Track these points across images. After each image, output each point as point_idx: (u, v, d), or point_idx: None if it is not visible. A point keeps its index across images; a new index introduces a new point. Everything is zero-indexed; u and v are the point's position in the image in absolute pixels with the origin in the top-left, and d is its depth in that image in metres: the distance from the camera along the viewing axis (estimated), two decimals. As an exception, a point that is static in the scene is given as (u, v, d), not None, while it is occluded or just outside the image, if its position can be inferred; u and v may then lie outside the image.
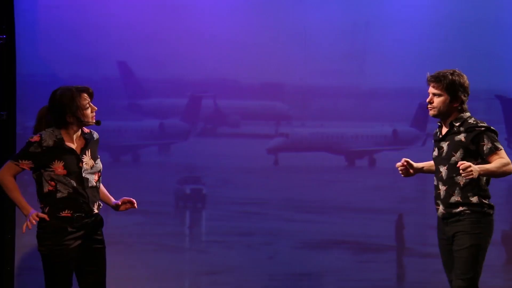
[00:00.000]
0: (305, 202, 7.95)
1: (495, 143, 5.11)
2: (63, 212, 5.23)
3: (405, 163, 5.39)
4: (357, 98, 7.97)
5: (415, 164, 5.45)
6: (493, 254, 6.64)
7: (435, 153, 5.34)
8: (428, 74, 5.30)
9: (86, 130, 5.37)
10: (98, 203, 5.36)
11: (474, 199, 5.13)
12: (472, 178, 4.97)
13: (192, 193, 7.81)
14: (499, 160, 5.07)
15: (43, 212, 5.22)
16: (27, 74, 7.43)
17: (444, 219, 5.26)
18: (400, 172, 5.45)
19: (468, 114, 5.23)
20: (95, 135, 5.39)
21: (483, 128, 5.14)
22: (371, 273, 7.86)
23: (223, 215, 7.84)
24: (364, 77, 7.93)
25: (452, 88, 5.17)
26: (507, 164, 5.07)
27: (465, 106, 5.24)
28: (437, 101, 5.20)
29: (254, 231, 7.85)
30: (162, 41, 7.64)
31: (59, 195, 5.21)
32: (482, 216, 5.16)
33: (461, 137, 5.16)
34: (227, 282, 7.75)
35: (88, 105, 5.27)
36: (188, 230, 7.88)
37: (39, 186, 5.25)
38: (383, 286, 7.85)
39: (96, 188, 5.31)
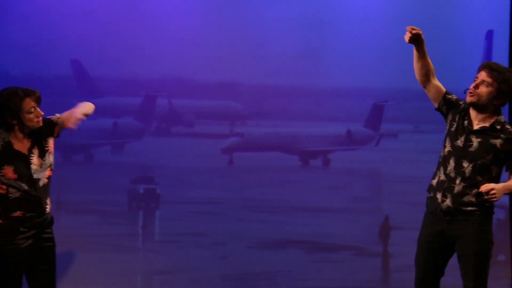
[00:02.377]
0: (259, 202, 7.94)
1: None
2: (15, 213, 5.16)
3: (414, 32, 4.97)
4: (312, 98, 7.99)
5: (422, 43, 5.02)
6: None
7: (460, 142, 5.00)
8: (485, 61, 5.14)
9: None
10: (49, 199, 5.30)
11: (487, 202, 4.96)
12: (495, 199, 4.86)
13: (146, 192, 7.77)
14: None
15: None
16: (-22, 72, 7.34)
17: (448, 215, 5.00)
18: (412, 34, 4.99)
19: (503, 118, 5.07)
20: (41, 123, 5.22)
21: None
22: (324, 272, 7.88)
23: (176, 215, 7.80)
24: (318, 76, 7.95)
25: (504, 85, 4.95)
26: None
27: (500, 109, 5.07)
28: (483, 89, 4.95)
29: (207, 231, 7.83)
30: (116, 39, 7.57)
31: (11, 197, 5.14)
32: (490, 219, 5.03)
33: (497, 142, 4.97)
34: (180, 282, 7.72)
35: (32, 109, 5.16)
36: (141, 230, 7.82)
37: (-10, 189, 5.16)
38: (336, 285, 7.88)
39: (48, 184, 5.24)
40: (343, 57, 7.88)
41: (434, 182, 5.13)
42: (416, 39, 5.04)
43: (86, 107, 5.29)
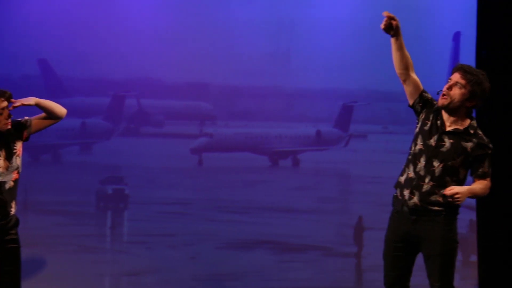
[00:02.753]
0: (228, 202, 7.93)
1: (490, 169, 5.04)
2: (-20, 216, 5.10)
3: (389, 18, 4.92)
4: (281, 99, 7.99)
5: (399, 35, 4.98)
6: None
7: (432, 141, 5.01)
8: (459, 63, 5.16)
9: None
10: (15, 202, 5.24)
11: (453, 203, 4.96)
12: (459, 202, 4.90)
13: (114, 193, 7.73)
14: (486, 184, 5.03)
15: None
16: None
17: (413, 214, 4.99)
18: (388, 21, 4.93)
19: (475, 122, 5.06)
20: (12, 125, 5.15)
21: (490, 151, 5.03)
22: (293, 272, 7.89)
23: (145, 216, 7.77)
24: (288, 77, 7.95)
25: (477, 87, 4.96)
26: (489, 188, 5.04)
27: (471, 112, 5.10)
28: (457, 91, 4.95)
29: (176, 232, 7.81)
30: (84, 39, 7.53)
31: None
32: (455, 219, 5.04)
33: (468, 146, 4.98)
34: (149, 283, 7.68)
35: (1, 111, 5.09)
36: (110, 231, 7.78)
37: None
38: (305, 285, 7.89)
39: (15, 188, 5.18)
40: (312, 58, 7.89)
41: (402, 179, 5.10)
42: (391, 27, 4.99)
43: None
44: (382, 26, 4.97)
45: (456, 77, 4.98)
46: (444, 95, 4.96)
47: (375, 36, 7.93)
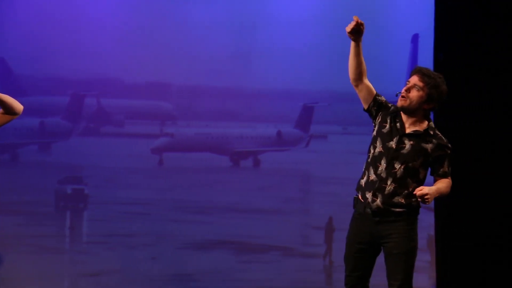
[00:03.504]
0: (189, 202, 7.92)
1: (450, 169, 5.17)
2: None
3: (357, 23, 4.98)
4: (242, 99, 8.00)
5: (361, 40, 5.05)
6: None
7: (393, 143, 5.08)
8: (418, 66, 5.23)
9: None
10: None
11: (415, 203, 5.07)
12: (428, 203, 5.01)
13: (74, 193, 7.68)
14: (448, 182, 5.14)
15: None
16: None
17: (376, 215, 5.06)
18: (356, 24, 4.98)
19: (433, 123, 5.18)
20: None
21: (449, 151, 5.15)
22: (253, 273, 7.90)
23: (105, 216, 7.73)
24: (249, 78, 7.96)
25: (435, 90, 5.07)
26: (451, 186, 5.16)
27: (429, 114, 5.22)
28: (415, 93, 5.04)
29: (137, 232, 7.78)
30: (43, 37, 7.47)
31: None
32: (416, 219, 5.13)
33: (429, 147, 5.09)
34: (108, 284, 7.65)
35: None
36: (69, 231, 7.74)
37: None
38: (265, 285, 7.90)
39: None
40: (273, 58, 7.91)
41: (363, 182, 5.15)
42: (357, 32, 5.03)
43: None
44: (349, 29, 5.00)
45: (414, 79, 5.07)
46: (403, 96, 5.04)
47: (336, 37, 7.98)
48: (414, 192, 4.94)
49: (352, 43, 5.04)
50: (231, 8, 7.88)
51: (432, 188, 5.00)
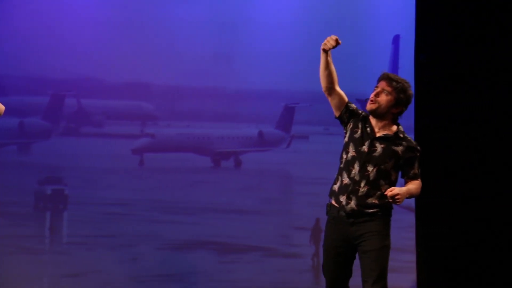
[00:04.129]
0: (170, 203, 7.90)
1: (419, 171, 5.34)
2: None
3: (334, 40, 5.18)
4: (224, 99, 7.99)
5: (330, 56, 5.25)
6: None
7: (365, 147, 5.25)
8: (385, 71, 5.39)
9: None
10: None
11: (388, 203, 5.25)
12: (399, 203, 5.16)
13: (53, 193, 7.64)
14: (418, 183, 5.31)
15: None
16: None
17: (351, 217, 5.20)
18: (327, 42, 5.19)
19: (402, 127, 5.37)
20: None
21: (418, 154, 5.33)
22: (234, 273, 7.89)
23: (85, 217, 7.70)
24: (230, 78, 7.96)
25: (402, 94, 5.26)
26: (421, 187, 5.34)
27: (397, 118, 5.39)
28: (383, 98, 5.25)
29: (117, 233, 7.75)
30: (22, 36, 7.43)
31: None
32: (389, 219, 5.30)
33: (399, 150, 5.26)
34: (89, 285, 7.62)
35: None
36: (49, 232, 7.69)
37: None
38: (245, 286, 7.90)
39: None
40: (254, 59, 7.90)
41: (336, 187, 5.32)
42: (331, 48, 5.21)
43: None
44: (329, 47, 5.19)
45: (382, 84, 5.27)
46: (372, 101, 5.24)
47: (317, 38, 7.97)
48: (385, 193, 5.11)
49: (323, 54, 5.24)
50: (212, 8, 7.87)
51: (403, 189, 5.16)
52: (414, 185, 5.26)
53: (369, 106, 5.26)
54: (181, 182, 7.95)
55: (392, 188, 5.12)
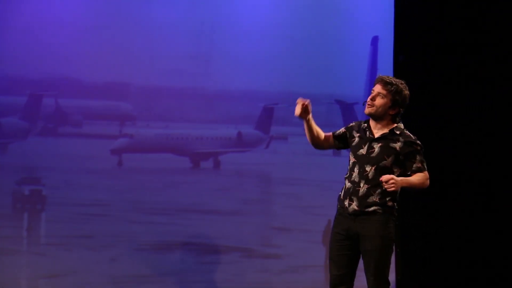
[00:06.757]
0: (149, 203, 7.88)
1: (424, 164, 5.47)
2: None
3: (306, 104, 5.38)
4: (203, 100, 7.98)
5: (310, 115, 5.43)
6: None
7: (363, 150, 5.43)
8: (380, 74, 5.57)
9: None
10: None
11: (390, 203, 5.39)
12: (394, 190, 5.28)
13: (31, 194, 7.59)
14: (423, 175, 5.44)
15: None
16: None
17: (353, 215, 5.40)
18: (301, 108, 5.39)
19: (402, 125, 5.52)
20: None
21: (418, 147, 5.46)
22: (214, 274, 7.88)
23: (63, 217, 7.66)
24: (209, 78, 7.95)
25: (397, 96, 5.42)
26: (427, 179, 5.46)
27: (398, 118, 5.52)
28: (380, 101, 5.42)
29: (95, 233, 7.72)
30: None
31: None
32: (391, 218, 5.42)
33: (397, 146, 5.41)
34: (67, 286, 7.58)
35: None
36: (26, 233, 7.65)
37: None
38: (224, 287, 7.89)
39: None
40: (233, 60, 7.90)
41: (341, 193, 5.53)
42: (306, 110, 5.42)
43: None
44: (298, 113, 5.42)
45: (377, 88, 5.46)
46: (369, 104, 5.45)
47: (296, 38, 8.01)
48: (380, 179, 5.28)
49: (304, 121, 5.46)
50: (191, 9, 7.86)
51: (401, 178, 5.34)
52: (417, 177, 5.40)
53: (367, 110, 5.46)
54: (160, 183, 7.93)
55: (388, 174, 5.29)
